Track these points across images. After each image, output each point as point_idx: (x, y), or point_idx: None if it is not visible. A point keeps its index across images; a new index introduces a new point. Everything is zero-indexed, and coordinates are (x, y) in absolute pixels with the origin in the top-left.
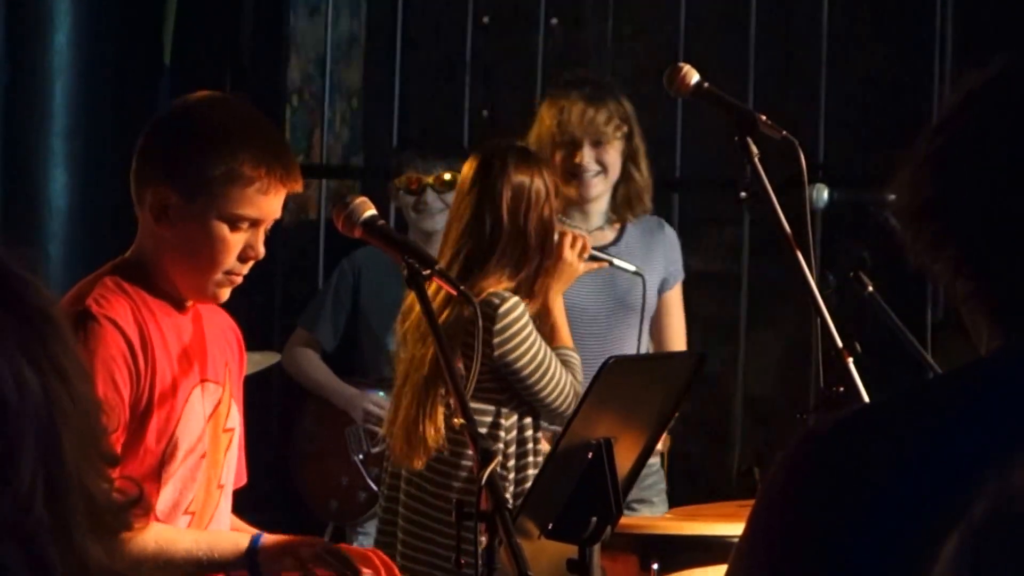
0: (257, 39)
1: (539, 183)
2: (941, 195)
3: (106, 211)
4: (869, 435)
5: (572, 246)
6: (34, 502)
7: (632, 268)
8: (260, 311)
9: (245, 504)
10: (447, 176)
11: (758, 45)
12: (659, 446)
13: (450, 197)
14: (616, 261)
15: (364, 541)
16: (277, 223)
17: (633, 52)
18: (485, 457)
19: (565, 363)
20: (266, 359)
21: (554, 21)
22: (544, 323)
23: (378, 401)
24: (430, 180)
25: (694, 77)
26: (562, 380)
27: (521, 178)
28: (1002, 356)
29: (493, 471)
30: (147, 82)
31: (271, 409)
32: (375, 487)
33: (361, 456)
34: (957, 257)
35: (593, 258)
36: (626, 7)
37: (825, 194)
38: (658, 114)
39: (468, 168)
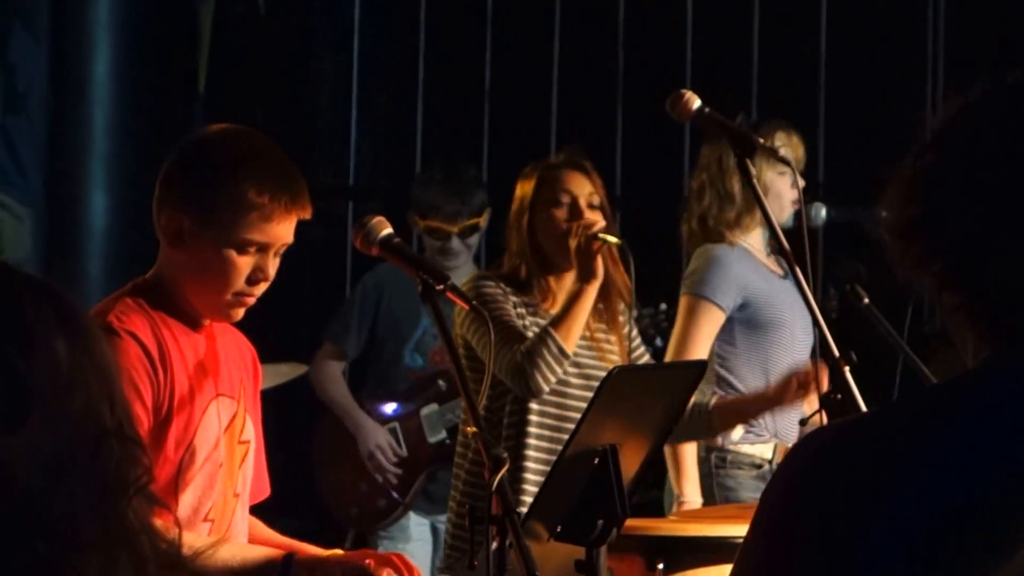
0: (286, 65)
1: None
2: (929, 211)
3: (143, 232)
4: (868, 443)
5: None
6: (113, 482)
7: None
8: (288, 324)
9: (270, 510)
10: (471, 223)
11: (759, 67)
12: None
13: (472, 239)
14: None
15: (388, 545)
16: (305, 240)
17: (642, 74)
18: (496, 463)
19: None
20: (293, 370)
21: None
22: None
23: (384, 445)
24: (455, 230)
25: (695, 103)
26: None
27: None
28: (991, 368)
29: (503, 477)
30: (182, 108)
31: (297, 418)
32: (395, 495)
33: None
34: (944, 272)
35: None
36: (633, 33)
37: (823, 211)
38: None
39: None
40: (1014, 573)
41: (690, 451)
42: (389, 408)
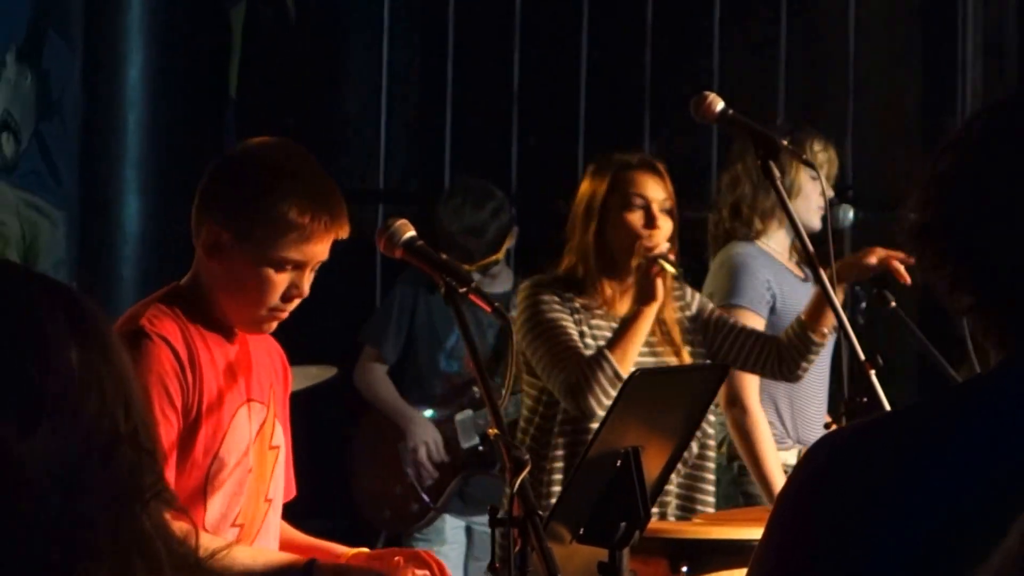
0: (316, 70)
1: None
2: (943, 214)
3: (176, 236)
4: (879, 445)
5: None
6: (129, 487)
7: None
8: (318, 327)
9: (303, 512)
10: (488, 261)
11: (787, 71)
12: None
13: (495, 268)
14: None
15: (421, 547)
16: (334, 245)
17: (672, 79)
18: (517, 466)
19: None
20: (323, 372)
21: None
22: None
23: (431, 443)
24: (472, 268)
25: (719, 105)
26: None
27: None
28: (1000, 371)
29: (524, 479)
30: (214, 113)
31: (328, 421)
32: (426, 498)
33: (413, 468)
34: (956, 274)
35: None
36: (662, 36)
37: (850, 214)
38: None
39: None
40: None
41: (775, 467)
42: (425, 413)
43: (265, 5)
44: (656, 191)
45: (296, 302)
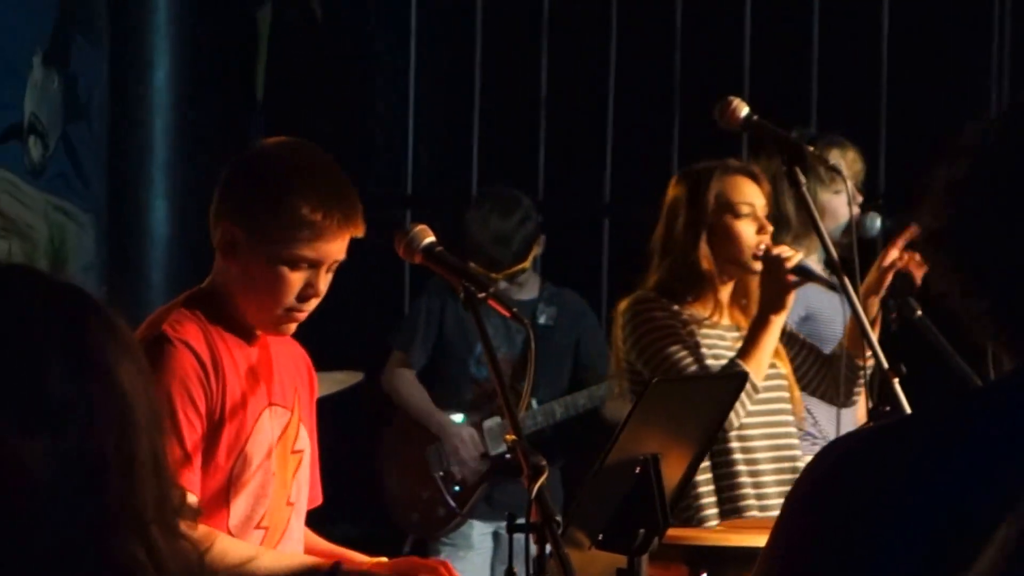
0: (343, 73)
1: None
2: (954, 219)
3: (205, 239)
4: (887, 447)
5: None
6: (148, 503)
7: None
8: (346, 332)
9: (331, 517)
10: (515, 269)
11: (820, 77)
12: None
13: (523, 276)
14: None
15: (449, 551)
16: (362, 249)
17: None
18: (535, 472)
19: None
20: (349, 378)
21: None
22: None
23: (467, 440)
24: (499, 277)
25: (743, 110)
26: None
27: None
28: (1016, 377)
29: (542, 485)
30: (241, 116)
31: (356, 426)
32: (453, 503)
33: (441, 473)
34: (966, 280)
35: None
36: (690, 40)
37: (878, 222)
38: None
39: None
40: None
41: None
42: (455, 419)
43: (291, 7)
44: (759, 197)
45: (313, 302)
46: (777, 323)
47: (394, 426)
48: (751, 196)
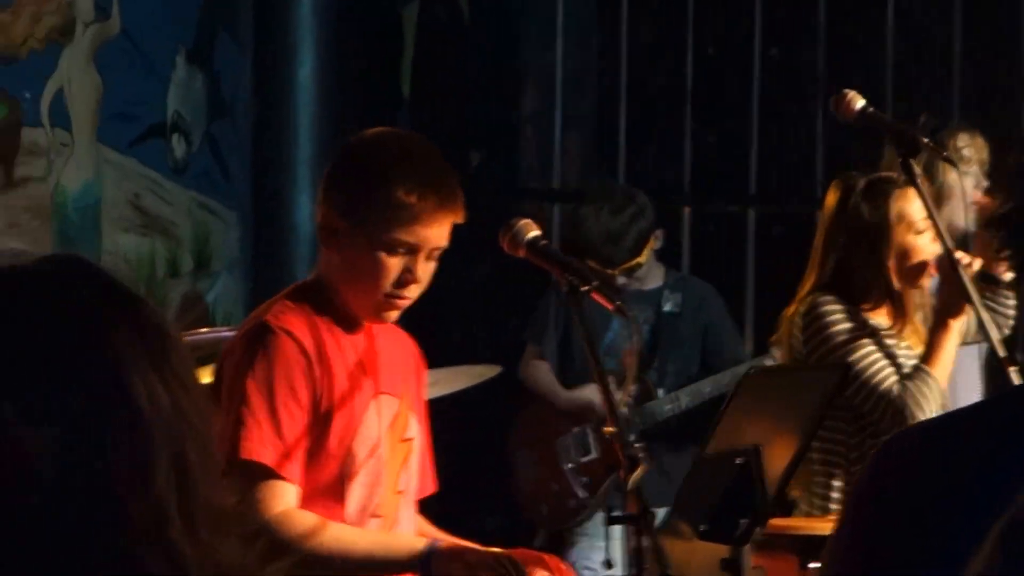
0: (491, 70)
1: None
2: (1015, 203)
3: None
4: (948, 439)
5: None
6: (169, 506)
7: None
8: (490, 326)
9: (464, 510)
10: (630, 264)
11: (962, 66)
12: None
13: (640, 271)
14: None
15: (584, 543)
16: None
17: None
18: (632, 464)
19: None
20: (487, 371)
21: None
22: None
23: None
24: (615, 273)
25: (859, 102)
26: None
27: None
28: None
29: (640, 478)
30: (387, 112)
31: (492, 419)
32: (582, 495)
33: (571, 465)
34: (1020, 266)
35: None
36: (835, 41)
37: None
38: None
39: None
40: None
41: None
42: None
43: (438, 4)
44: (922, 209)
45: (414, 289)
46: (956, 327)
47: (523, 419)
48: (921, 210)
